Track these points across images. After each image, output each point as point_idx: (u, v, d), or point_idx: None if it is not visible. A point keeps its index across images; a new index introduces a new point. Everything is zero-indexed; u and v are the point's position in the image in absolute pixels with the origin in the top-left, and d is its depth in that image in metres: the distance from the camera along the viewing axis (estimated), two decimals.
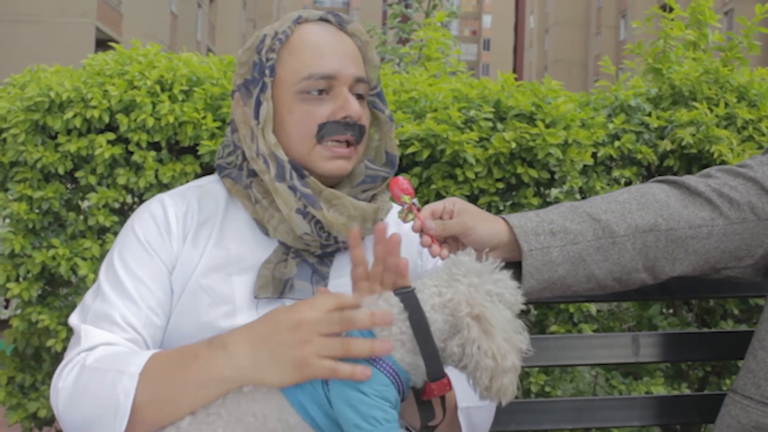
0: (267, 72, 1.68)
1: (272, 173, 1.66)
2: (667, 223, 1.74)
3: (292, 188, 1.66)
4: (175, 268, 1.69)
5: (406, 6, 6.83)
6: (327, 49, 1.69)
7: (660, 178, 1.86)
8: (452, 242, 1.70)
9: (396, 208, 1.87)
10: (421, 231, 1.64)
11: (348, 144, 1.71)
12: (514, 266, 1.80)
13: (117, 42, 3.16)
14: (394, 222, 1.83)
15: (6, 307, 6.25)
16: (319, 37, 1.71)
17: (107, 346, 1.56)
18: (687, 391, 2.97)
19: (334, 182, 1.73)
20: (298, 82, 1.67)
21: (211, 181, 1.84)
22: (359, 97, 1.73)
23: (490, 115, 2.73)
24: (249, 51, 1.74)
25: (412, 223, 1.65)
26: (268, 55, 1.69)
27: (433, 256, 1.65)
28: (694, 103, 2.87)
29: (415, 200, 1.65)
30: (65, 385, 1.52)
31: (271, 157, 1.67)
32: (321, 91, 1.68)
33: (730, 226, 1.76)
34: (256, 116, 1.69)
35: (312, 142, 1.68)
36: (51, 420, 2.89)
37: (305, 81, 1.67)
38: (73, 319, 1.67)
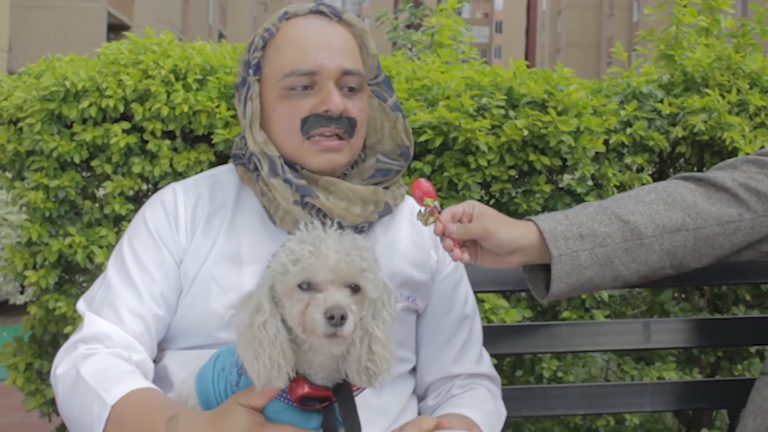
0: (251, 71, 1.71)
1: (266, 169, 1.69)
2: (694, 222, 1.74)
3: (287, 181, 1.67)
4: (183, 260, 1.72)
5: None
6: (310, 43, 1.70)
7: (684, 174, 1.85)
8: (471, 246, 1.71)
9: (411, 201, 1.88)
10: (443, 234, 1.65)
11: (339, 137, 1.70)
12: (541, 268, 1.81)
13: (129, 26, 3.18)
14: (408, 213, 1.84)
15: (22, 292, 6.31)
16: (304, 32, 1.72)
17: (107, 349, 1.61)
18: (698, 377, 2.98)
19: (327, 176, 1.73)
20: (281, 79, 1.69)
21: (225, 170, 1.86)
22: (351, 89, 1.72)
23: (503, 103, 2.74)
24: (245, 50, 1.77)
25: (433, 226, 1.66)
26: (254, 54, 1.72)
27: (455, 260, 1.66)
28: (706, 90, 2.87)
29: (437, 203, 1.65)
30: (62, 381, 1.59)
31: (262, 154, 1.69)
32: (306, 87, 1.68)
33: (757, 219, 1.76)
34: (244, 114, 1.72)
35: (298, 137, 1.69)
36: None
37: (287, 78, 1.68)
38: (80, 305, 1.73)
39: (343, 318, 1.29)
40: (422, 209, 1.66)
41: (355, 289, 1.35)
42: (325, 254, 1.32)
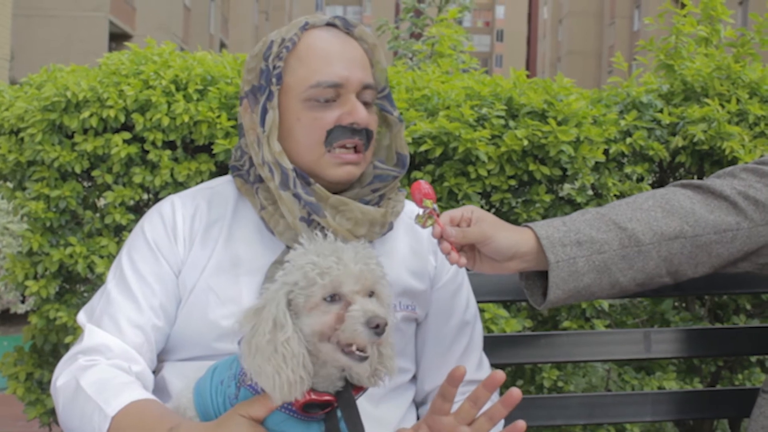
0: (274, 80, 1.69)
1: (276, 181, 1.67)
2: (692, 230, 1.73)
3: (297, 196, 1.67)
4: (181, 271, 1.72)
5: (419, 0, 6.83)
6: (335, 56, 1.70)
7: (683, 182, 1.85)
8: (469, 251, 1.71)
9: (408, 207, 1.87)
10: (441, 237, 1.65)
11: (356, 149, 1.71)
12: (537, 275, 1.81)
13: (131, 36, 3.19)
14: (406, 220, 1.84)
15: (23, 302, 6.32)
16: (326, 43, 1.71)
17: (107, 360, 1.62)
18: (699, 386, 2.98)
19: (342, 187, 1.74)
20: (306, 90, 1.68)
21: (222, 182, 1.86)
22: (366, 103, 1.72)
23: (503, 113, 2.74)
24: (256, 57, 1.74)
25: (431, 228, 1.65)
26: (275, 62, 1.69)
27: (452, 263, 1.65)
28: (706, 100, 2.88)
29: (436, 206, 1.65)
30: (62, 392, 1.60)
31: (275, 165, 1.68)
32: (328, 99, 1.68)
33: (754, 228, 1.75)
34: (262, 124, 1.69)
35: (321, 149, 1.69)
36: None
37: (313, 89, 1.67)
38: (81, 317, 1.74)
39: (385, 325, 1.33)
40: (421, 211, 1.66)
41: (372, 295, 1.38)
42: (348, 264, 1.35)
